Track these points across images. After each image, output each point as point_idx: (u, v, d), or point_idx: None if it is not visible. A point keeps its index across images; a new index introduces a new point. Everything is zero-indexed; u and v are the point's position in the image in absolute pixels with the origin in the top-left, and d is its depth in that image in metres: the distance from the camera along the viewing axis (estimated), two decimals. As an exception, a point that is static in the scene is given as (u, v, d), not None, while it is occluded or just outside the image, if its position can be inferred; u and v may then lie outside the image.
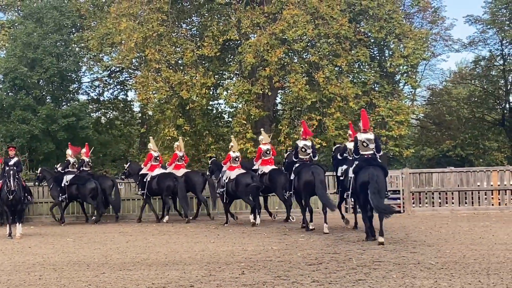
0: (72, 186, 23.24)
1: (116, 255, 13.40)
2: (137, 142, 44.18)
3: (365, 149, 15.03)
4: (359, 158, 14.99)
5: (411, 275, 9.84)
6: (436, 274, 9.88)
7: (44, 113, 33.63)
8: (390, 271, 10.28)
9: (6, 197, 18.12)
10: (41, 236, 18.60)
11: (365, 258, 11.79)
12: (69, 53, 36.93)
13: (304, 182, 17.22)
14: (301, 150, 17.91)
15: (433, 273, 10.02)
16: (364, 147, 15.01)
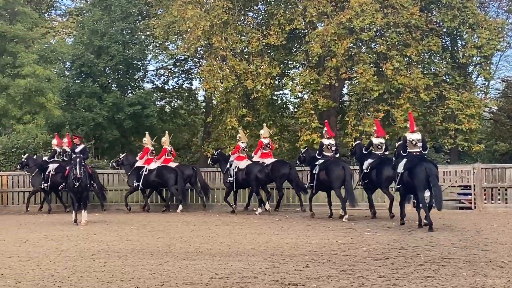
0: (57, 175, 23.53)
1: (179, 244, 13.57)
2: (201, 131, 44.53)
3: (413, 147, 16.89)
4: (408, 155, 16.81)
5: (482, 273, 9.65)
6: (509, 273, 9.67)
7: (110, 101, 34.23)
8: (460, 268, 10.12)
9: (72, 184, 18.54)
10: (105, 223, 18.97)
11: (433, 254, 11.63)
12: (135, 41, 37.44)
13: (335, 176, 19.24)
14: (326, 147, 20.25)
15: (506, 272, 9.81)
16: (413, 145, 16.89)
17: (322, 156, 20.21)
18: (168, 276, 9.86)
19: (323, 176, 19.71)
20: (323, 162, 19.92)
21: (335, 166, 19.51)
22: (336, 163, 19.72)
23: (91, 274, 10.12)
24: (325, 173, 19.61)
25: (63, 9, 46.91)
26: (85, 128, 33.48)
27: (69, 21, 44.32)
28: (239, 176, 22.00)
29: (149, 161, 23.94)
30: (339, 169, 19.29)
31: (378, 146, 20.14)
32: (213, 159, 23.74)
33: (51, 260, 11.53)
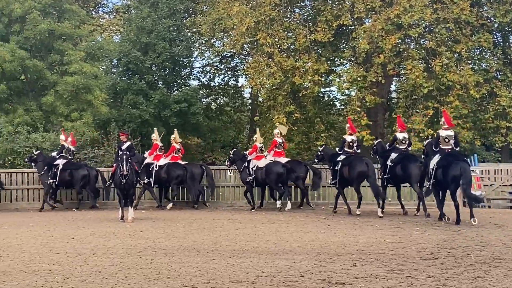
0: (65, 172, 23.74)
1: (225, 242, 13.61)
2: (247, 128, 44.65)
3: (446, 144, 17.57)
4: (440, 152, 17.46)
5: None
6: (562, 275, 9.47)
7: (156, 98, 34.54)
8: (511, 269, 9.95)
9: (119, 181, 18.69)
10: (152, 220, 19.12)
11: (484, 254, 11.46)
12: (181, 38, 37.69)
13: (358, 172, 19.75)
14: (348, 144, 20.80)
15: (560, 274, 9.61)
16: (446, 142, 17.56)
17: (344, 152, 20.81)
18: (214, 273, 9.90)
19: (346, 172, 20.19)
20: (346, 158, 20.48)
21: (359, 162, 19.98)
22: (359, 159, 20.20)
23: (138, 271, 10.22)
24: (348, 169, 20.10)
25: (110, 6, 47.58)
26: (132, 125, 33.85)
27: (116, 18, 44.86)
28: (259, 175, 22.49)
29: (158, 157, 24.12)
30: (363, 165, 19.78)
31: (402, 141, 20.56)
32: (229, 159, 23.96)
33: (98, 257, 11.67)
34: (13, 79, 33.10)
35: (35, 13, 32.58)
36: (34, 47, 34.06)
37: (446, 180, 16.86)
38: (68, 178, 23.66)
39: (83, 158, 27.06)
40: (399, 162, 19.98)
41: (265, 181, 22.56)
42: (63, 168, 23.69)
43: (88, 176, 23.78)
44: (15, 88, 33.54)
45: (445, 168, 16.83)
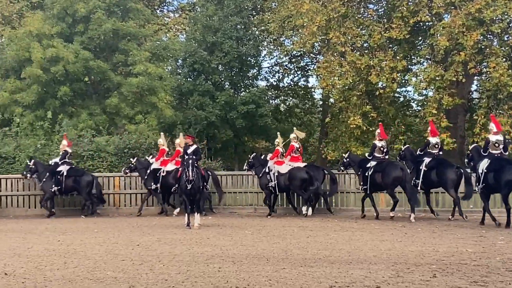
0: (69, 178, 24.02)
1: (296, 250, 13.59)
2: (318, 131, 44.53)
3: (495, 148, 18.46)
4: (489, 156, 18.33)
5: None
6: None
7: (223, 100, 34.78)
8: None
9: (185, 186, 18.85)
10: (219, 227, 19.24)
11: None
12: (249, 36, 37.85)
13: (394, 177, 20.74)
14: (379, 149, 21.85)
15: None
16: (495, 147, 18.45)
17: (373, 158, 21.86)
18: (285, 283, 9.89)
19: (379, 178, 21.23)
20: (378, 164, 21.49)
21: (394, 168, 21.03)
22: (394, 165, 21.31)
23: (205, 279, 10.29)
24: (381, 175, 21.13)
25: (175, 4, 48.24)
26: (198, 127, 34.16)
27: (182, 17, 45.39)
28: (281, 181, 22.96)
29: (165, 162, 24.42)
30: (398, 170, 20.83)
31: (435, 145, 21.59)
32: (249, 164, 24.38)
33: (164, 264, 11.81)
34: (76, 81, 33.83)
35: (100, 12, 33.28)
36: (98, 47, 34.79)
37: (498, 184, 17.63)
38: (73, 184, 24.09)
39: (147, 162, 27.48)
40: (434, 167, 20.90)
41: (288, 187, 23.11)
42: (67, 175, 24.13)
43: (92, 182, 24.26)
44: (79, 90, 34.27)
45: (498, 172, 17.65)
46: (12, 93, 32.92)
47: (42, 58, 31.80)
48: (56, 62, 32.22)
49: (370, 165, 21.74)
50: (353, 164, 22.93)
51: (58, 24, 33.94)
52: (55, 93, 32.59)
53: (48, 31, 33.45)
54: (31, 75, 32.01)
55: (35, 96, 32.27)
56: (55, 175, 24.10)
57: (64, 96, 32.25)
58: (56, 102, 32.45)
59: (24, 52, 32.93)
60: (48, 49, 32.12)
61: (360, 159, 22.83)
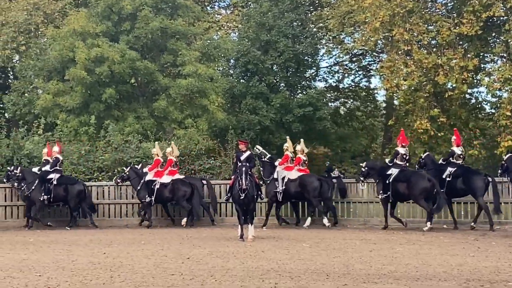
0: (59, 187, 24.24)
1: (358, 265, 13.53)
2: (381, 136, 44.26)
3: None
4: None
5: None
6: None
7: (278, 102, 34.76)
8: None
9: (238, 195, 18.91)
10: (274, 239, 19.27)
11: None
12: (306, 34, 37.78)
13: (422, 188, 21.70)
14: (402, 156, 22.65)
15: None
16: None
17: (395, 165, 22.61)
18: (347, 300, 9.88)
19: (403, 188, 22.12)
20: (401, 172, 22.33)
21: (420, 178, 22.00)
22: (421, 175, 22.27)
23: (261, 295, 10.33)
24: (407, 185, 22.00)
25: (227, 1, 48.32)
26: (251, 132, 34.22)
27: (234, 14, 45.57)
28: (291, 187, 23.63)
29: (159, 173, 24.64)
30: (425, 181, 21.76)
31: (460, 155, 22.87)
32: None
33: (216, 279, 11.87)
34: (122, 83, 34.22)
35: (147, 9, 33.62)
36: (145, 47, 35.15)
37: None
38: (63, 193, 24.33)
39: (198, 169, 27.63)
40: (460, 175, 22.19)
41: (297, 195, 23.90)
42: (57, 183, 24.37)
43: (84, 192, 24.55)
44: (125, 93, 34.66)
45: None
46: (55, 95, 33.43)
47: (86, 58, 32.21)
48: (101, 63, 32.62)
49: (391, 172, 22.51)
50: (373, 172, 23.51)
51: (103, 23, 34.39)
52: (100, 96, 32.98)
53: (92, 30, 33.92)
54: (75, 76, 32.45)
55: (79, 100, 32.71)
56: (45, 184, 24.39)
57: (110, 99, 32.59)
58: (100, 105, 32.83)
59: (67, 52, 33.45)
60: (92, 49, 32.54)
61: (381, 166, 23.51)
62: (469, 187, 22.04)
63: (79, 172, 26.79)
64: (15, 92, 38.00)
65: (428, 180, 21.77)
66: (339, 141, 39.45)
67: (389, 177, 22.38)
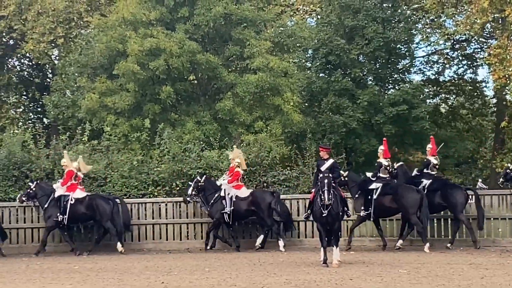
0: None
1: (468, 295, 13.41)
2: (491, 138, 43.66)
3: None
4: None
5: None
6: None
7: (366, 100, 34.62)
8: None
9: (320, 212, 18.80)
10: (364, 264, 19.17)
11: None
12: (398, 17, 37.57)
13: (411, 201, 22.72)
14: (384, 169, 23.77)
15: None
16: None
17: (378, 179, 23.61)
18: None
19: (388, 202, 23.16)
20: (386, 186, 23.38)
21: (410, 191, 23.02)
22: (409, 188, 23.27)
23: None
24: (394, 198, 23.07)
25: (305, -21, 48.31)
26: (334, 136, 34.13)
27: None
28: (241, 206, 24.35)
29: (73, 187, 24.46)
30: (415, 193, 22.86)
31: (435, 166, 24.38)
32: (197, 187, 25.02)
33: (296, 313, 11.88)
34: (180, 80, 34.48)
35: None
36: (206, 37, 35.31)
37: None
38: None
39: (271, 181, 27.54)
40: (438, 189, 23.50)
41: (250, 213, 24.64)
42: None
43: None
44: (183, 92, 34.87)
45: None
46: (102, 95, 33.73)
47: (139, 50, 32.37)
48: (156, 56, 32.80)
49: (374, 186, 23.48)
50: (352, 185, 24.20)
51: (156, 9, 34.63)
52: (155, 95, 33.26)
53: (145, 18, 34.23)
54: (125, 71, 32.65)
55: (130, 100, 32.95)
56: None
57: (167, 99, 32.78)
58: (156, 107, 33.05)
59: (116, 44, 33.74)
60: (146, 39, 32.73)
61: (363, 180, 24.39)
62: (449, 202, 23.44)
63: (131, 187, 26.95)
64: (56, 92, 38.57)
65: (417, 192, 22.98)
66: (440, 144, 39.02)
67: (373, 192, 23.43)
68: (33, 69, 48.91)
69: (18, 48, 44.47)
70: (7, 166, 26.44)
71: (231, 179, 24.51)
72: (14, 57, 47.69)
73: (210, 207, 24.86)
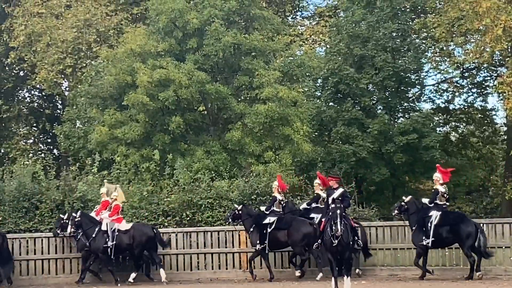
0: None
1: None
2: (502, 166, 43.51)
3: None
4: None
5: None
6: None
7: (376, 129, 34.55)
8: None
9: (330, 242, 18.77)
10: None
11: None
12: (407, 46, 37.57)
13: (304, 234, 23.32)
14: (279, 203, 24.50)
15: None
16: None
17: (272, 212, 24.31)
18: None
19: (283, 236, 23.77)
20: (281, 220, 24.04)
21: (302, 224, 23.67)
22: (301, 220, 23.93)
23: None
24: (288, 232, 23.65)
25: (312, 9, 48.51)
26: (344, 165, 34.04)
27: (320, 25, 45.68)
28: (123, 240, 24.38)
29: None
30: (308, 226, 23.41)
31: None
32: None
33: None
34: (189, 110, 34.51)
35: (217, 23, 33.75)
36: (215, 67, 35.35)
37: None
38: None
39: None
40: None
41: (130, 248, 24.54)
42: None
43: None
44: (192, 122, 34.89)
45: None
46: (112, 127, 33.79)
47: (149, 81, 32.44)
48: (165, 87, 32.87)
49: (268, 221, 24.03)
50: (245, 218, 24.48)
51: (165, 40, 34.74)
52: (164, 125, 33.29)
53: (153, 49, 34.34)
54: (135, 102, 32.74)
55: (140, 130, 33.00)
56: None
57: (176, 129, 32.82)
58: (165, 137, 33.08)
59: (125, 76, 33.84)
60: (155, 71, 32.80)
61: (257, 214, 24.75)
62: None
63: (141, 217, 26.90)
64: (67, 122, 38.67)
65: (310, 225, 23.41)
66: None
67: (267, 226, 23.97)
68: (44, 100, 49.14)
69: (28, 80, 44.73)
70: (17, 197, 26.39)
71: (111, 212, 24.42)
72: (24, 89, 47.94)
73: (92, 241, 24.60)
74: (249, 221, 24.32)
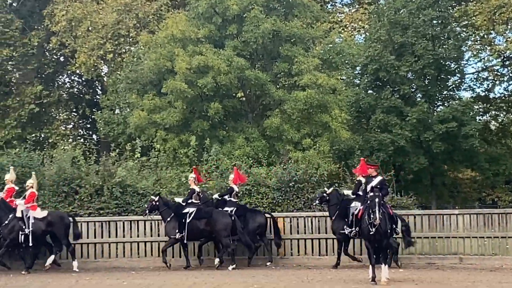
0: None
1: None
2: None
3: None
4: None
5: None
6: None
7: (415, 117, 34.38)
8: None
9: (368, 230, 18.74)
10: (414, 282, 19.06)
11: None
12: (448, 34, 37.31)
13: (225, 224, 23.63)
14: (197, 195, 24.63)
15: None
16: None
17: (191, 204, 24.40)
18: None
19: (203, 225, 23.98)
20: (199, 211, 24.20)
21: (222, 215, 24.01)
22: (221, 212, 24.27)
23: None
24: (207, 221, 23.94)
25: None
26: (382, 154, 33.94)
27: (359, 12, 45.53)
28: (40, 227, 23.83)
29: None
30: (227, 217, 23.87)
31: None
32: None
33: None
34: (228, 97, 34.58)
35: (256, 9, 33.81)
36: (254, 54, 35.41)
37: None
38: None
39: (318, 198, 27.48)
40: None
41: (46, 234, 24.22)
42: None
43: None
44: (231, 109, 34.95)
45: None
46: (150, 112, 33.93)
47: (187, 68, 32.52)
48: (204, 73, 32.95)
49: (188, 210, 24.14)
50: (162, 209, 24.42)
51: (205, 26, 34.86)
52: (203, 112, 33.37)
53: (193, 35, 34.41)
54: (173, 90, 32.87)
55: (179, 116, 33.10)
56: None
57: (216, 115, 32.87)
58: (204, 123, 33.15)
59: (165, 61, 33.97)
60: (194, 57, 32.88)
61: (175, 205, 24.65)
62: None
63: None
64: (106, 109, 38.90)
65: (229, 216, 23.88)
66: (490, 162, 38.63)
67: (186, 216, 24.04)
68: (83, 85, 49.50)
69: (68, 65, 45.04)
70: (57, 182, 26.47)
71: (26, 199, 24.09)
72: (64, 74, 48.33)
73: (3, 228, 24.10)
74: (167, 211, 24.37)
